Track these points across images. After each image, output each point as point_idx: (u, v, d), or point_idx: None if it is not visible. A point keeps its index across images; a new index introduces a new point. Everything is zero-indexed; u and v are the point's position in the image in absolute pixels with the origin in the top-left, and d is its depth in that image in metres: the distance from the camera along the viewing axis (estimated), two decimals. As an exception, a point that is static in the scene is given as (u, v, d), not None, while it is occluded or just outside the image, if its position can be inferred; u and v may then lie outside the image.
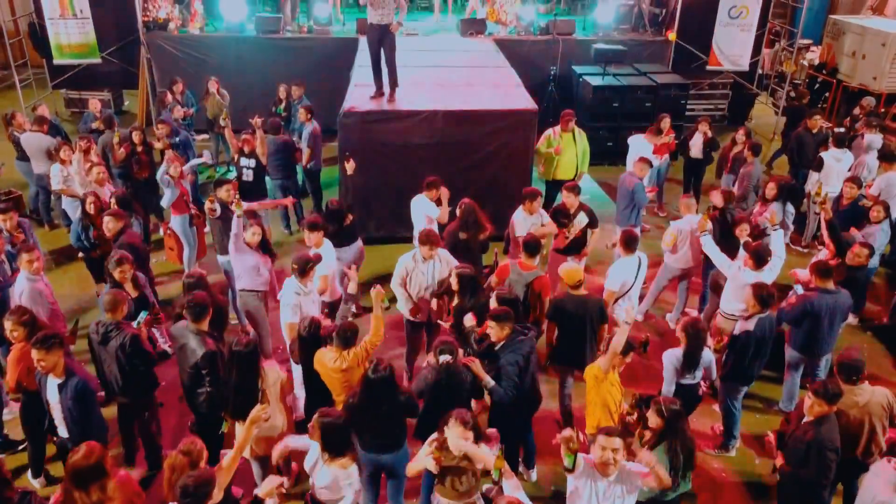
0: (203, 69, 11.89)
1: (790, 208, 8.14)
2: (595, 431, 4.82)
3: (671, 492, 4.33)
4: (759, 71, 14.44)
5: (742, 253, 6.44)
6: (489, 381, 4.87)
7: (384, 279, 8.46)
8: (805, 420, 4.50)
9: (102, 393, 5.44)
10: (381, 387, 4.38)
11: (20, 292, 5.68)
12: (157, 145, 9.14)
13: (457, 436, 4.05)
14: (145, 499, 4.32)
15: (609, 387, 4.97)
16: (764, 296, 5.44)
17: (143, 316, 5.29)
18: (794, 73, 15.61)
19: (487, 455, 4.04)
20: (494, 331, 5.04)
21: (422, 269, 6.06)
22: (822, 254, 6.93)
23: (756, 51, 13.38)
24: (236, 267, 6.35)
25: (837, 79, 14.60)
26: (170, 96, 10.62)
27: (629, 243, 6.39)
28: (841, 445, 4.49)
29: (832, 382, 4.49)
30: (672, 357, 5.33)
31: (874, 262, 7.00)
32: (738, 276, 6.24)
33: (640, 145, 9.27)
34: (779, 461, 4.66)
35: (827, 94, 14.78)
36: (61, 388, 4.66)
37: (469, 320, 5.32)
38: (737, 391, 5.77)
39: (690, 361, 5.25)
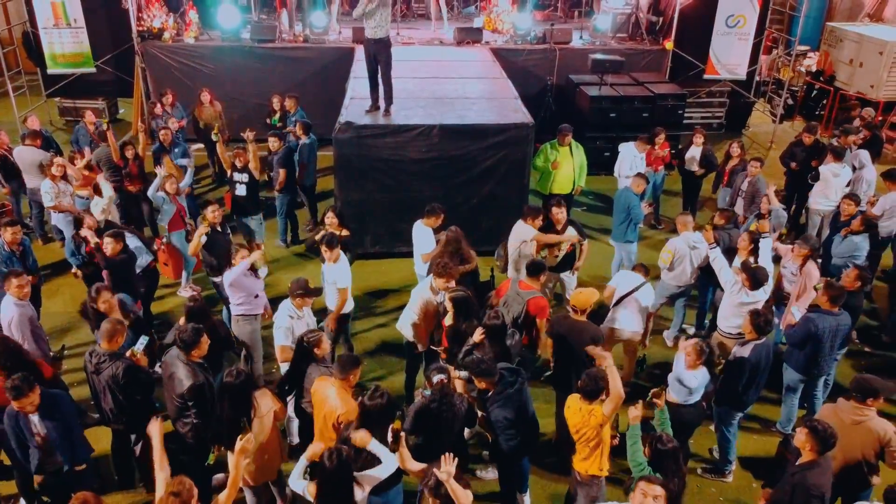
0: (198, 78, 11.83)
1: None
2: (599, 472, 4.81)
3: None
4: (757, 78, 14.40)
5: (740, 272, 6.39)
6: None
7: (379, 294, 8.47)
8: (799, 461, 4.42)
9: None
10: (378, 414, 4.31)
11: (9, 319, 5.58)
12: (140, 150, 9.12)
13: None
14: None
15: (607, 430, 4.89)
16: (761, 323, 5.38)
17: (143, 342, 5.23)
18: (792, 79, 15.59)
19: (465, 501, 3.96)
20: (477, 383, 4.95)
21: (436, 300, 5.96)
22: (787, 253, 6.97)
23: (753, 59, 13.32)
24: (234, 293, 6.19)
25: (835, 86, 14.59)
26: (159, 107, 10.55)
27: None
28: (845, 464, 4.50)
29: (829, 427, 4.35)
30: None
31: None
32: (735, 294, 6.22)
33: (630, 153, 9.24)
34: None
35: (824, 102, 14.77)
36: (43, 413, 4.62)
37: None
38: (731, 416, 5.72)
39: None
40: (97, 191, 8.35)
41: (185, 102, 11.00)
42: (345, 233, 7.03)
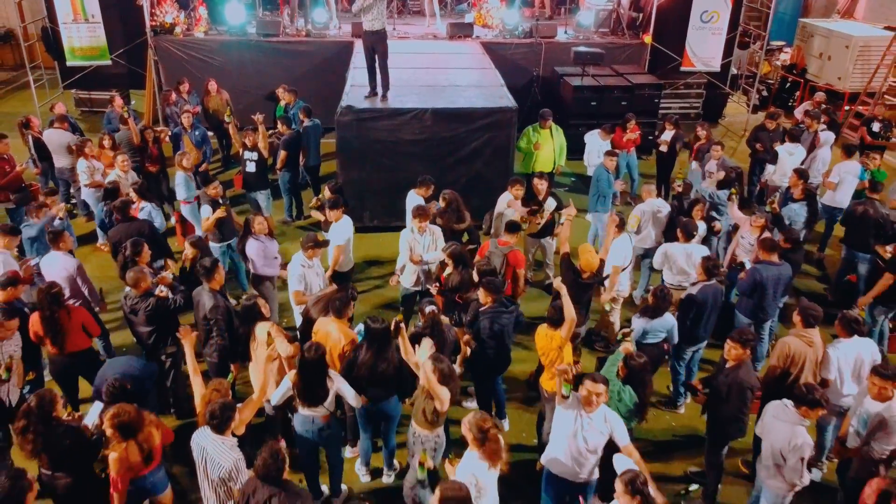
0: (207, 70, 12.64)
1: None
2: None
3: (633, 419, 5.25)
4: (735, 71, 15.30)
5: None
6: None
7: (377, 263, 9.33)
8: (728, 365, 5.34)
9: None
10: (380, 337, 5.19)
11: (71, 270, 6.41)
12: (162, 135, 10.04)
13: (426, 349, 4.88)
14: (172, 436, 5.11)
15: (567, 350, 5.79)
16: (710, 266, 6.33)
17: (166, 274, 6.14)
18: (768, 73, 16.51)
19: (443, 395, 4.84)
20: (482, 296, 5.93)
21: (419, 240, 6.96)
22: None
23: (728, 52, 14.21)
24: (258, 256, 7.15)
25: (806, 79, 15.50)
26: (174, 95, 11.41)
27: (620, 225, 7.33)
28: (778, 378, 5.49)
29: (747, 331, 5.34)
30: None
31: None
32: (673, 250, 7.20)
33: (596, 142, 10.11)
34: (700, 399, 5.60)
35: (797, 94, 15.68)
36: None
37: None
38: (682, 351, 6.63)
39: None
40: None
41: (195, 93, 11.84)
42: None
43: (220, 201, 8.00)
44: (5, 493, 3.88)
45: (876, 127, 11.23)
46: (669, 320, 6.27)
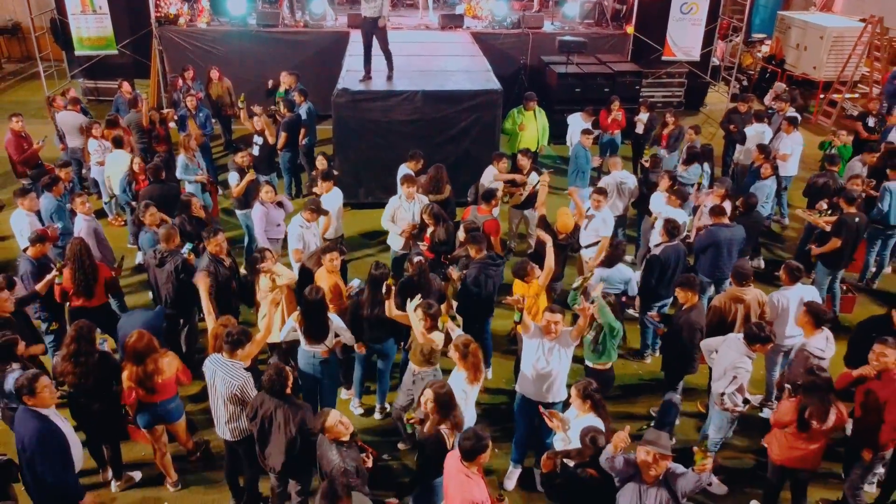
0: (209, 60, 13.23)
1: (706, 168, 9.46)
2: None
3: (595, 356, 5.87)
4: (718, 62, 15.94)
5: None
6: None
7: (370, 236, 9.95)
8: (684, 308, 5.99)
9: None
10: (379, 282, 5.86)
11: (79, 230, 7.09)
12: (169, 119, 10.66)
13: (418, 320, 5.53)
14: (190, 375, 5.71)
15: (543, 299, 6.45)
16: (669, 228, 6.94)
17: (188, 247, 6.73)
18: (750, 64, 17.17)
19: (435, 339, 5.50)
20: (471, 250, 6.59)
21: (406, 208, 7.55)
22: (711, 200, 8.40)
23: (707, 43, 14.85)
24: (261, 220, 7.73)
25: (784, 68, 16.15)
26: (181, 81, 12.02)
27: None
28: (718, 326, 6.11)
29: (691, 277, 6.05)
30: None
31: (766, 210, 8.53)
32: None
33: (578, 123, 10.76)
34: (661, 331, 6.30)
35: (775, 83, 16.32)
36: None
37: (456, 271, 6.72)
38: (646, 308, 7.26)
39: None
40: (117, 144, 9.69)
41: (199, 80, 12.44)
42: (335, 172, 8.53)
43: (247, 170, 8.61)
44: (24, 385, 4.46)
45: (871, 122, 11.76)
46: (626, 273, 6.84)
